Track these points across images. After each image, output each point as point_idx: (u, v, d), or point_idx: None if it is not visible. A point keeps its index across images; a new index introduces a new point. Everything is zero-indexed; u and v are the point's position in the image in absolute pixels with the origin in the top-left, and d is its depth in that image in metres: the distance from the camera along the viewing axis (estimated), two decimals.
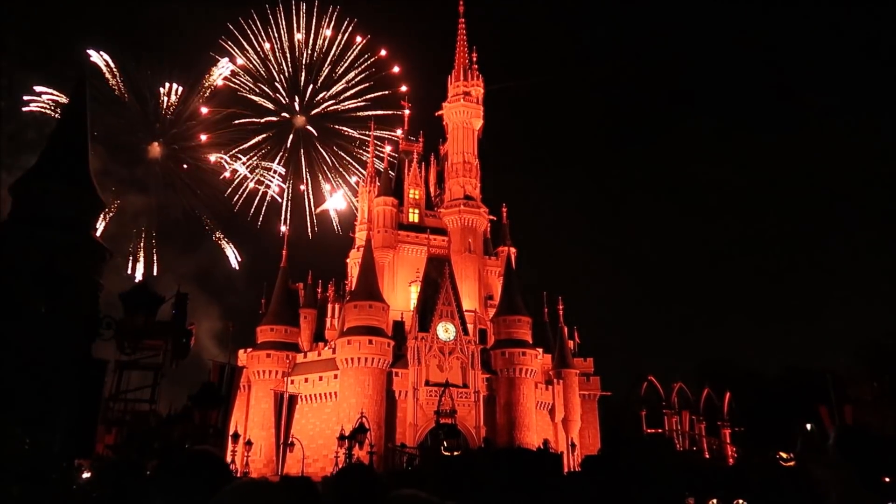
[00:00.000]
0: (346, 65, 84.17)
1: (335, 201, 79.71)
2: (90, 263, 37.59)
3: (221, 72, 75.77)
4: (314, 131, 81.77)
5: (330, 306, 59.15)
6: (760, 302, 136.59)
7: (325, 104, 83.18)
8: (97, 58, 64.80)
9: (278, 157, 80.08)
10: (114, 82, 63.94)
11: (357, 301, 51.84)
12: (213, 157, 74.79)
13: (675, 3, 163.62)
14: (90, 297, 7.62)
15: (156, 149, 69.58)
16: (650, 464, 30.88)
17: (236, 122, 76.18)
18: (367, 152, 74.14)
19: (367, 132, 76.85)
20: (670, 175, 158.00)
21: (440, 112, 65.88)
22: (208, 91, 74.36)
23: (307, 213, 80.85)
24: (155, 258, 69.11)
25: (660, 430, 45.25)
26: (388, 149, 67.09)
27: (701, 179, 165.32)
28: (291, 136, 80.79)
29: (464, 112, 63.72)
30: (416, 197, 62.98)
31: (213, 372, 30.79)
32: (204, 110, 75.07)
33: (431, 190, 64.95)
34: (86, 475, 17.75)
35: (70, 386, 6.66)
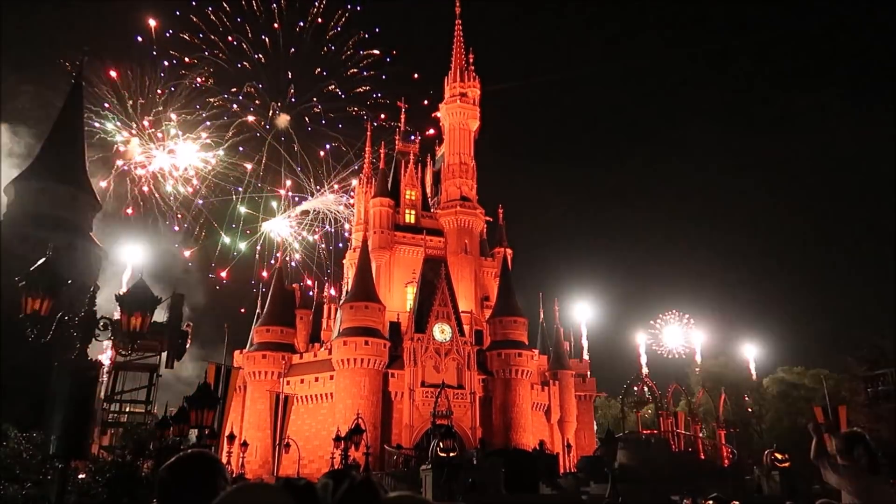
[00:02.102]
0: (339, 59, 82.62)
1: (318, 202, 78.87)
2: (86, 263, 37.55)
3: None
4: (294, 133, 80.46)
5: (326, 307, 59.13)
6: (755, 302, 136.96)
7: (311, 103, 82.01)
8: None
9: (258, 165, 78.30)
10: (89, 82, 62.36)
11: (353, 302, 51.82)
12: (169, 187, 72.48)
13: (671, 5, 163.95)
14: (86, 297, 7.59)
15: (132, 145, 68.69)
16: (646, 465, 30.98)
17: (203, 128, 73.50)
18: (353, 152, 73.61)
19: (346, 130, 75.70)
20: (665, 176, 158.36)
21: (437, 113, 65.94)
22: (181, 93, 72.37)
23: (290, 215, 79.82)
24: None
25: (655, 431, 45.27)
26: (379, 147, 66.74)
27: (696, 180, 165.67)
28: (271, 136, 79.31)
29: (460, 113, 63.79)
30: (413, 198, 62.93)
31: (209, 373, 30.69)
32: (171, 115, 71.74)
33: (428, 191, 64.95)
34: (81, 476, 17.72)
35: (66, 387, 6.66)
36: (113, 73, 66.33)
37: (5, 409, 22.08)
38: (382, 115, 75.61)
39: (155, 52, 71.48)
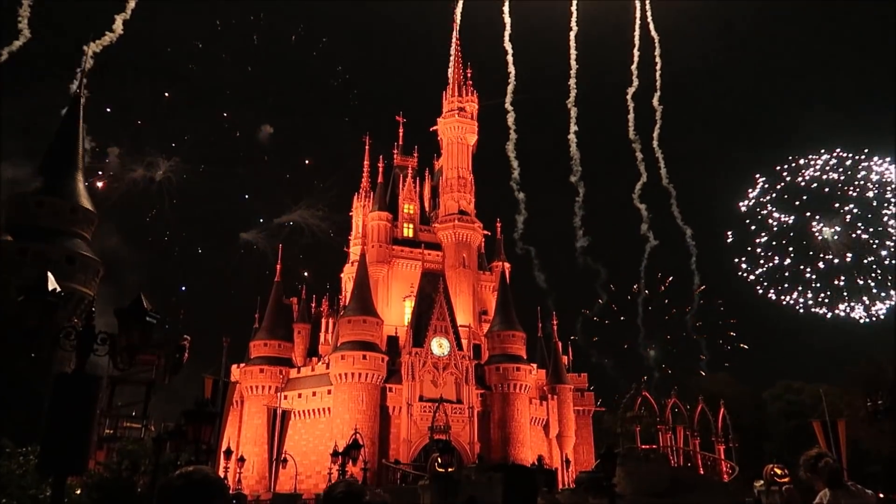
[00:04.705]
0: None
1: (296, 215, 78.94)
2: (84, 277, 37.46)
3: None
4: (271, 144, 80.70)
5: (324, 321, 58.96)
6: (753, 316, 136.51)
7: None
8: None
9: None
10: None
11: (351, 316, 51.73)
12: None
13: (666, 23, 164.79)
14: (84, 311, 7.59)
15: (114, 152, 69.31)
16: (645, 480, 30.79)
17: None
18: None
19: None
20: (662, 190, 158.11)
21: (435, 127, 66.22)
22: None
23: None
24: None
25: (654, 446, 45.09)
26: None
27: (691, 193, 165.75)
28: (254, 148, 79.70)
29: (458, 127, 64.08)
30: (411, 212, 63.05)
31: (206, 387, 30.56)
32: None
33: (426, 205, 65.07)
34: (77, 493, 17.57)
35: (63, 401, 6.63)
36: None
37: (2, 423, 21.94)
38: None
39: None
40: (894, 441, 43.86)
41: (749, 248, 71.75)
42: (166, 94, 71.62)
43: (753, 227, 73.93)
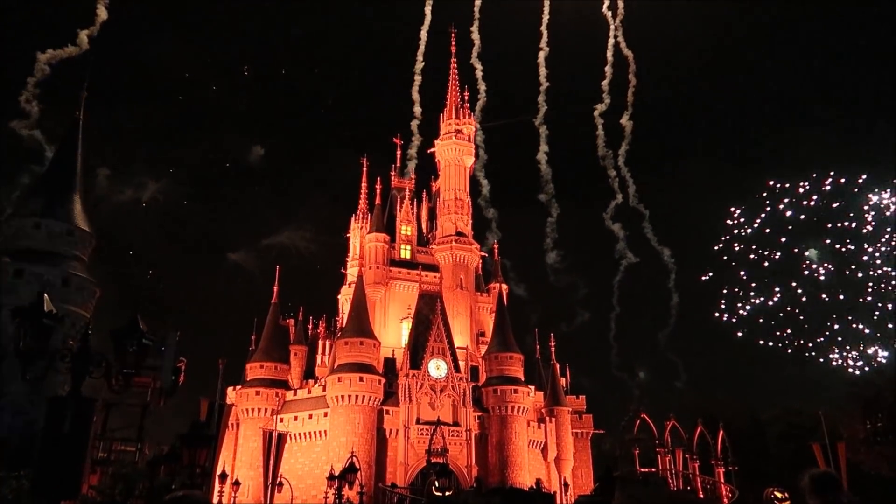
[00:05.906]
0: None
1: (284, 237, 79.19)
2: (80, 298, 37.34)
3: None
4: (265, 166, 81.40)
5: (321, 343, 58.71)
6: (753, 338, 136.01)
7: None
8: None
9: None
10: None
11: (348, 338, 51.53)
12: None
13: (662, 41, 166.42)
14: (80, 333, 7.56)
15: (104, 172, 69.99)
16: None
17: None
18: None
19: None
20: (661, 210, 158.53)
21: (432, 149, 66.56)
22: None
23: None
24: None
25: (653, 469, 44.72)
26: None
27: (689, 212, 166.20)
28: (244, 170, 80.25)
29: (456, 149, 64.40)
30: (408, 233, 63.17)
31: (202, 410, 30.34)
32: None
33: (423, 226, 65.21)
34: None
35: (57, 424, 6.57)
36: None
37: None
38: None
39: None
40: (894, 463, 43.61)
41: (725, 290, 67.40)
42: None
43: (734, 264, 68.13)
